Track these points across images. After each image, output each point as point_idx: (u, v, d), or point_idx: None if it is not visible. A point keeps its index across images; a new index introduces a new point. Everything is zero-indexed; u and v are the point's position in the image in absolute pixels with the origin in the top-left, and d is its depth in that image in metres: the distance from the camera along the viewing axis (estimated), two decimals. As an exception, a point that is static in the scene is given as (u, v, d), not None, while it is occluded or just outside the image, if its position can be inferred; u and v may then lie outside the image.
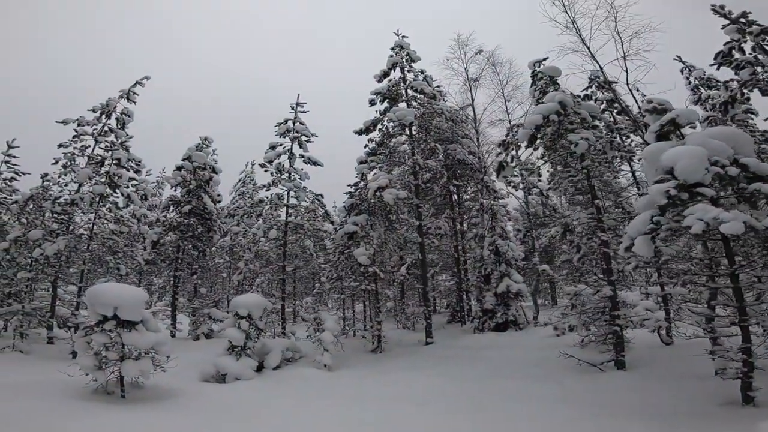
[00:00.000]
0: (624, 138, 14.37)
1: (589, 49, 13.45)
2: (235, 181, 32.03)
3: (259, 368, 12.85)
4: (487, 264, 17.75)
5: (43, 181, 18.15)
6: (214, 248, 21.11)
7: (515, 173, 13.63)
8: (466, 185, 20.36)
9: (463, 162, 19.25)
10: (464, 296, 19.91)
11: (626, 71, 12.87)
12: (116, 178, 14.94)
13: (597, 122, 12.96)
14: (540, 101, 14.03)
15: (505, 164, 13.73)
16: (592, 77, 15.86)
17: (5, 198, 18.54)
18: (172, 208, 20.01)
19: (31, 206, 17.18)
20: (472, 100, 19.59)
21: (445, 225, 19.08)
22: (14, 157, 18.91)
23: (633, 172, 14.04)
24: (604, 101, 15.40)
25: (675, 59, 19.14)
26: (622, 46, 13.05)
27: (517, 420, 8.15)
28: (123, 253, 15.00)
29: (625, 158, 13.36)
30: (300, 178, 17.23)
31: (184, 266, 19.86)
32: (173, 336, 18.76)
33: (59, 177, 16.62)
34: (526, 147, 12.53)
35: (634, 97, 12.87)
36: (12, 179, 18.62)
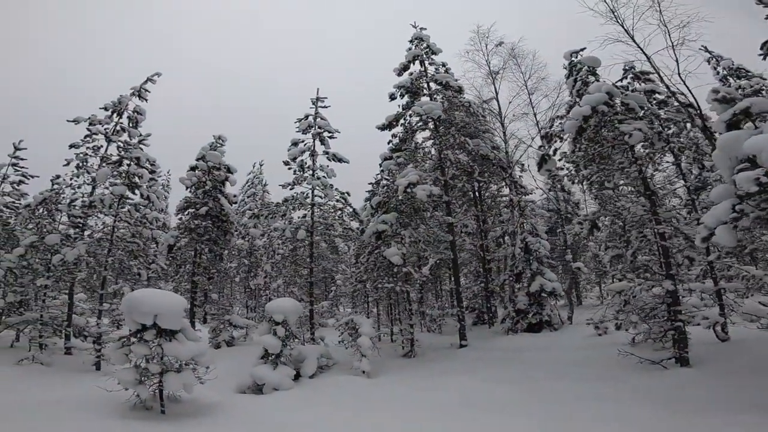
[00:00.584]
0: (665, 129, 13.85)
1: (633, 38, 12.93)
2: (243, 183, 31.29)
3: (296, 377, 12.19)
4: (518, 262, 17.20)
5: (53, 184, 17.41)
6: (228, 252, 20.32)
7: (560, 166, 13.09)
8: (488, 182, 19.79)
9: (486, 157, 18.67)
10: (491, 297, 19.33)
11: (677, 61, 12.36)
12: (136, 178, 14.17)
13: (644, 113, 12.46)
14: (580, 92, 13.52)
15: (547, 157, 13.25)
16: (627, 68, 15.35)
17: (13, 202, 17.69)
18: (187, 210, 19.23)
19: (42, 210, 16.44)
20: (496, 93, 19.03)
21: (471, 223, 18.48)
22: (22, 159, 18.03)
23: (678, 164, 13.54)
24: (642, 92, 14.88)
25: (701, 49, 18.75)
26: (669, 35, 12.55)
27: (607, 420, 7.73)
28: (144, 258, 14.25)
29: (671, 150, 12.83)
30: (327, 176, 16.56)
31: (201, 270, 19.11)
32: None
33: (71, 179, 15.88)
34: (574, 139, 11.98)
35: (688, 88, 12.35)
36: (20, 182, 17.77)
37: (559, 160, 12.73)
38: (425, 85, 18.62)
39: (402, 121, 18.25)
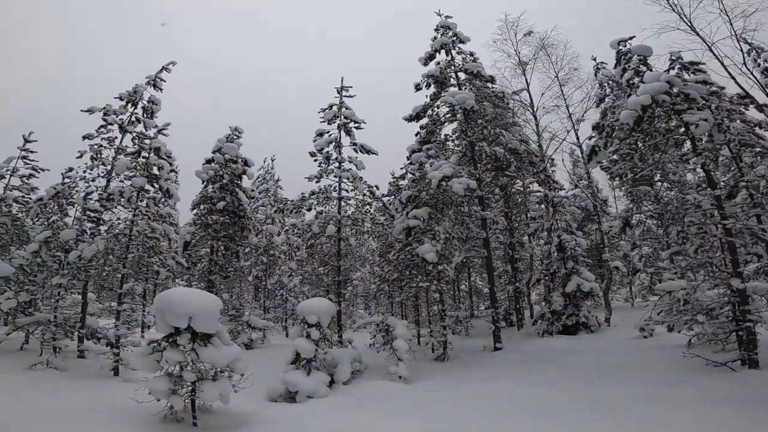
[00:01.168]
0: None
1: (691, 26, 12.12)
2: (253, 179, 30.34)
3: (329, 383, 11.38)
4: (553, 261, 16.38)
5: (63, 178, 16.59)
6: (248, 249, 19.44)
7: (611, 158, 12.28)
8: (516, 176, 18.96)
9: (515, 151, 17.84)
10: (519, 298, 18.51)
11: (742, 51, 11.58)
12: (157, 169, 13.33)
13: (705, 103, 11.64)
14: (631, 82, 12.72)
15: (598, 149, 12.44)
16: (674, 57, 14.55)
17: (22, 197, 16.86)
18: (203, 205, 18.40)
19: (53, 205, 15.63)
20: (527, 84, 18.18)
21: (502, 220, 17.67)
22: (32, 152, 17.21)
23: (736, 157, 12.70)
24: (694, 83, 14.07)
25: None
26: (731, 25, 11.75)
27: (685, 421, 7.18)
28: (165, 255, 13.43)
29: (732, 142, 12.00)
30: (356, 167, 15.72)
31: (217, 269, 18.28)
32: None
33: (84, 172, 15.05)
34: (631, 129, 11.16)
35: (757, 79, 11.54)
36: (30, 176, 16.93)
37: (627, 151, 11.88)
38: (453, 75, 17.82)
39: (429, 112, 17.44)
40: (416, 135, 16.97)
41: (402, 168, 17.47)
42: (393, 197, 16.93)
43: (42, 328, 14.01)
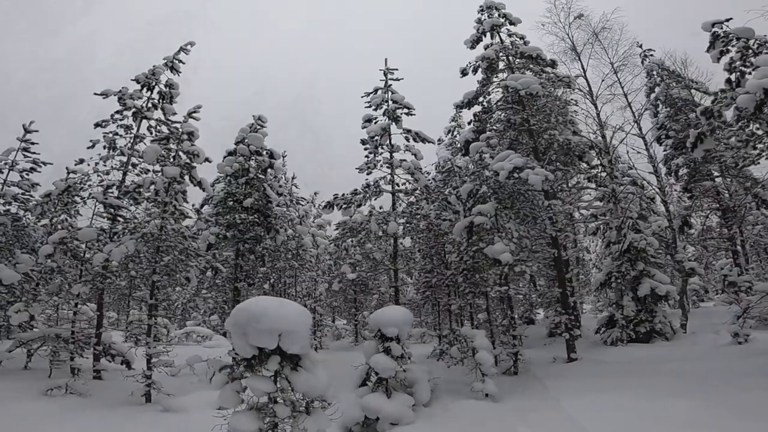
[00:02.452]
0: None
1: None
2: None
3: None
4: (623, 263, 14.90)
5: (68, 172, 14.55)
6: (270, 252, 17.44)
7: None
8: (569, 170, 17.44)
9: (567, 143, 16.34)
10: (575, 303, 16.97)
11: None
12: (193, 157, 11.44)
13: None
14: (733, 65, 11.34)
15: (704, 136, 11.02)
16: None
17: (23, 194, 14.71)
18: (226, 202, 16.48)
19: (63, 201, 13.62)
20: (584, 70, 16.70)
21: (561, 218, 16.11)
22: (33, 143, 15.08)
23: None
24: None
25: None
26: None
27: None
28: (201, 258, 11.51)
29: None
30: (415, 156, 14.04)
31: (243, 276, 16.36)
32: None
33: (96, 164, 13.11)
34: (752, 115, 9.75)
35: None
36: (32, 170, 14.79)
37: (744, 138, 10.42)
38: (504, 59, 16.32)
39: (481, 99, 15.89)
40: (469, 123, 15.38)
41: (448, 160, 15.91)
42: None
43: (52, 345, 12.01)
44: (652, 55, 20.55)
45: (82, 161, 13.63)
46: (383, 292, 14.76)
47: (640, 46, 20.38)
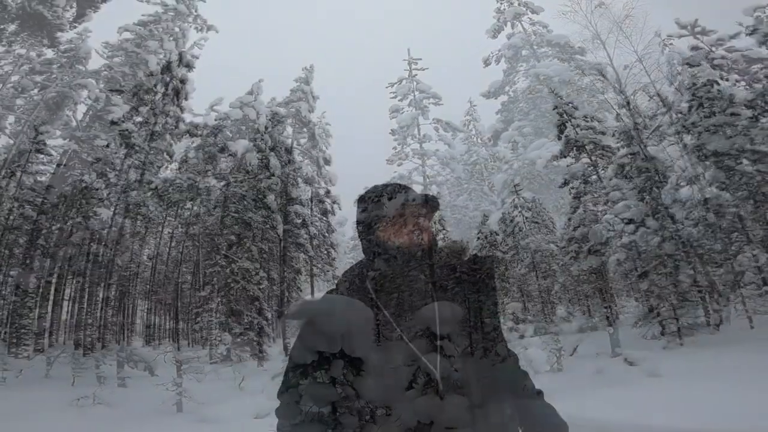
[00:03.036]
0: None
1: None
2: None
3: (460, 408, 9.08)
4: (664, 251, 14.30)
5: (89, 171, 14.01)
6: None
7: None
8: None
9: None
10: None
11: None
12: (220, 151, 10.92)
13: None
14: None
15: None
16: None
17: (36, 197, 14.17)
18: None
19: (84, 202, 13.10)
20: (611, 59, 16.14)
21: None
22: (45, 144, 14.56)
23: None
24: None
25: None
26: None
27: None
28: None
29: None
30: (449, 146, 13.53)
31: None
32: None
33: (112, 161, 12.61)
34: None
35: None
36: (45, 173, 14.26)
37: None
38: (529, 47, 15.78)
39: (507, 88, 15.36)
40: (497, 113, 14.86)
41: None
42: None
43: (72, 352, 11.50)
44: (671, 44, 19.93)
45: (98, 160, 13.11)
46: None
47: (659, 35, 19.77)
